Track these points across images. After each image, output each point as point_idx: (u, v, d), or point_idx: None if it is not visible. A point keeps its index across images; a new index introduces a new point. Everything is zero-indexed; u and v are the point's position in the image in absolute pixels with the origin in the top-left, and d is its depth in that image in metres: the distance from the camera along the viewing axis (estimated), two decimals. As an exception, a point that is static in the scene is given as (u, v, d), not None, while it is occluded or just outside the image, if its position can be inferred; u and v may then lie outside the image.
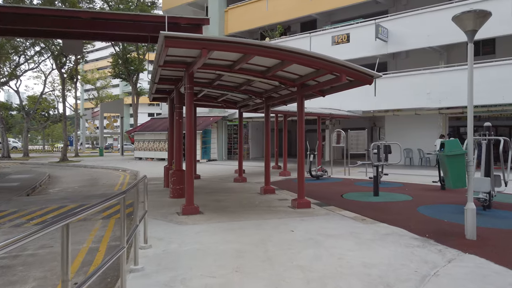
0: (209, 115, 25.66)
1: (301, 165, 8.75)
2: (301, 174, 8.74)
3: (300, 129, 8.71)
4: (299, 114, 8.70)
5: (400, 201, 9.11)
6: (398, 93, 18.34)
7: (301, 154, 8.76)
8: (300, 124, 8.69)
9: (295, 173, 16.82)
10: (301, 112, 8.69)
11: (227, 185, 12.82)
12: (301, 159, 8.76)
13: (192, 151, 7.98)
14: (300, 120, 8.68)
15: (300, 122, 8.69)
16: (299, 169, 8.76)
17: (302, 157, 8.76)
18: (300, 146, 8.73)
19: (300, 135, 8.70)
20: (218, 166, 21.33)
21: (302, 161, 8.76)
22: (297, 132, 8.75)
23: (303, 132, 8.74)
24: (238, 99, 13.10)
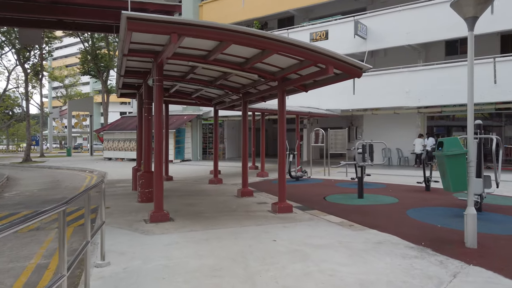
0: (183, 114, 24.66)
1: (282, 165, 8.06)
2: (282, 175, 8.04)
3: (281, 127, 8.01)
4: (280, 111, 7.99)
5: (387, 204, 8.57)
6: (377, 91, 17.99)
7: (282, 154, 8.07)
8: (281, 122, 7.99)
9: (273, 174, 16.27)
10: (282, 108, 7.99)
11: (201, 187, 11.99)
12: (282, 159, 8.07)
13: (161, 150, 7.14)
14: (281, 117, 7.98)
15: (281, 119, 7.99)
16: (280, 170, 8.07)
17: (283, 156, 8.07)
18: (281, 145, 8.04)
19: (281, 134, 8.01)
20: (192, 167, 20.42)
21: (283, 161, 8.07)
22: (278, 130, 8.05)
23: (284, 130, 8.05)
24: (213, 96, 12.29)
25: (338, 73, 7.05)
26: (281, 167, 8.06)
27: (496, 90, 15.17)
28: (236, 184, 12.49)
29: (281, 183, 8.02)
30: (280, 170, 8.07)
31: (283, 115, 7.98)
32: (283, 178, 8.05)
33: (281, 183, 8.03)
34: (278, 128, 8.03)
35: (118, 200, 9.59)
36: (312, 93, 19.79)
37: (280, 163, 8.07)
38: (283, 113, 7.96)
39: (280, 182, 8.05)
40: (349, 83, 18.72)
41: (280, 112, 7.98)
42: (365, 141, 9.12)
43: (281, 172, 8.05)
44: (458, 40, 18.65)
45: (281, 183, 8.02)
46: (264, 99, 10.55)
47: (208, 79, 9.70)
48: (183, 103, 14.30)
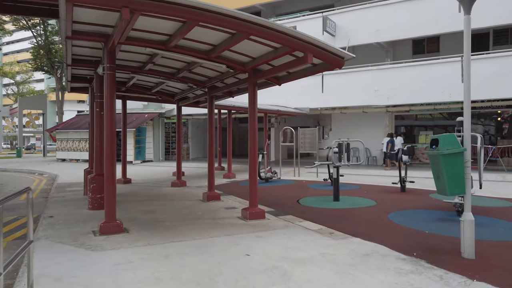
0: (144, 112, 23.30)
1: (253, 166, 7.25)
2: (253, 177, 7.24)
3: (252, 124, 7.19)
4: (251, 107, 7.17)
5: (365, 207, 7.97)
6: (346, 90, 17.61)
7: (253, 153, 7.26)
8: (252, 118, 7.17)
9: (241, 175, 15.43)
10: (253, 104, 7.18)
11: (163, 191, 10.95)
12: (253, 158, 7.26)
13: (113, 150, 6.13)
14: (253, 113, 7.16)
15: (252, 116, 7.17)
16: (250, 171, 7.25)
17: (254, 156, 7.26)
18: (251, 144, 7.22)
19: (252, 131, 7.19)
20: (154, 168, 19.19)
21: (254, 161, 7.26)
22: (249, 127, 7.23)
23: (255, 128, 7.24)
24: (176, 91, 11.29)
25: (316, 64, 6.33)
26: (252, 167, 7.25)
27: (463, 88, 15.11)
28: (202, 187, 11.56)
29: (253, 186, 7.21)
30: (251, 171, 7.26)
31: (254, 111, 7.17)
32: (255, 180, 7.25)
33: (252, 185, 7.22)
34: (249, 126, 7.21)
35: (66, 207, 8.41)
36: (280, 91, 19.16)
37: (251, 164, 7.26)
38: (254, 109, 7.16)
39: (251, 185, 7.23)
40: (318, 81, 18.24)
41: (251, 108, 7.17)
42: (341, 139, 8.50)
43: (252, 174, 7.24)
44: (425, 39, 18.66)
45: (253, 186, 7.21)
46: (232, 94, 9.69)
47: (169, 71, 8.72)
48: (143, 99, 13.17)
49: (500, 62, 14.48)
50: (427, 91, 15.79)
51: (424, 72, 15.98)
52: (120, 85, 10.69)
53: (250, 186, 7.24)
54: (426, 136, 18.01)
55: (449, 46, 17.86)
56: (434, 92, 15.66)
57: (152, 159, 23.22)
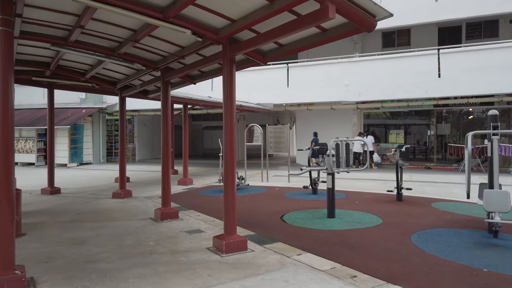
0: (81, 106, 20.14)
1: (230, 173, 5.15)
2: (231, 190, 5.14)
3: (230, 116, 5.10)
4: (228, 92, 5.07)
5: (372, 227, 6.16)
6: (313, 84, 15.95)
7: (230, 155, 5.16)
8: (229, 109, 5.07)
9: (199, 180, 13.15)
10: (230, 88, 5.09)
11: (101, 205, 8.49)
12: (230, 163, 5.16)
13: (9, 151, 3.72)
14: (229, 101, 5.07)
15: (229, 104, 5.08)
16: (227, 180, 5.15)
17: (232, 159, 5.17)
18: (228, 142, 5.13)
19: (229, 126, 5.10)
20: (93, 172, 16.32)
21: (232, 167, 5.17)
22: (225, 121, 5.15)
23: (233, 122, 5.16)
24: (118, 76, 8.86)
25: (331, 27, 4.38)
26: (229, 175, 5.14)
27: (440, 84, 14.05)
28: (152, 198, 9.23)
29: (229, 203, 5.12)
30: (227, 180, 5.16)
31: (232, 99, 5.09)
32: (233, 194, 5.15)
33: (229, 202, 5.13)
34: (225, 119, 5.12)
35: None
36: (241, 85, 17.13)
37: (227, 170, 5.16)
38: (232, 96, 5.07)
39: (227, 201, 5.13)
40: (283, 74, 16.45)
41: (227, 96, 5.07)
42: (339, 138, 6.64)
43: (229, 185, 5.14)
44: (395, 32, 17.54)
45: (229, 203, 5.12)
46: (193, 79, 7.49)
47: (108, 44, 6.36)
48: (76, 88, 10.50)
49: (481, 55, 13.52)
50: (401, 86, 14.56)
51: (398, 66, 14.74)
52: (41, 67, 8.08)
53: (226, 202, 5.14)
54: (397, 135, 16.89)
55: (420, 39, 16.86)
56: (409, 88, 14.45)
57: (91, 161, 20.15)
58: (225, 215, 5.14)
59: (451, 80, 13.88)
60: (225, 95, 5.09)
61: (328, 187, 6.62)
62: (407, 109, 16.76)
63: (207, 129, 26.57)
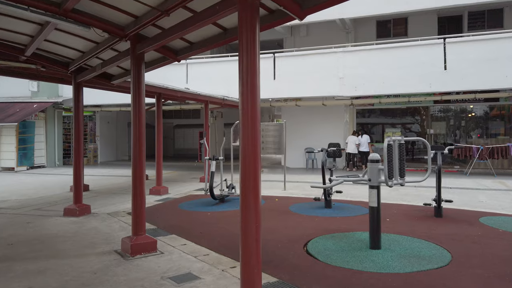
0: (32, 101, 17.31)
1: (253, 187, 3.15)
2: (252, 215, 3.14)
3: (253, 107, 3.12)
4: (251, 52, 3.09)
5: (445, 267, 4.26)
6: (303, 77, 14.14)
7: (253, 160, 3.17)
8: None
9: (175, 187, 10.92)
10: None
11: (47, 228, 6.22)
12: (253, 171, 3.16)
13: None
14: (253, 75, 3.09)
15: (252, 80, 3.09)
16: (245, 196, 3.15)
17: (255, 166, 3.17)
18: (246, 137, 3.14)
19: (253, 122, 3.12)
20: (44, 178, 13.73)
21: (254, 177, 3.17)
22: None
23: (256, 118, 3.18)
24: (70, 53, 6.59)
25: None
26: (250, 189, 3.14)
27: (446, 77, 12.62)
28: (117, 214, 7.04)
29: (249, 236, 3.11)
30: (245, 197, 3.15)
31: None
32: (256, 222, 3.15)
33: (248, 235, 3.12)
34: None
35: None
36: (219, 78, 15.06)
37: (245, 182, 3.16)
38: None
39: (246, 233, 3.12)
40: (269, 66, 14.54)
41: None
42: (392, 138, 4.77)
43: (250, 205, 3.14)
44: (391, 20, 16.06)
45: (249, 236, 3.11)
46: (177, 54, 5.36)
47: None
48: (14, 73, 8.04)
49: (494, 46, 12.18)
50: (402, 80, 13.03)
51: (399, 57, 13.20)
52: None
53: (245, 236, 3.13)
54: (393, 134, 15.39)
55: (418, 29, 15.45)
56: (411, 81, 12.94)
57: (44, 165, 17.37)
58: (242, 257, 3.13)
59: (458, 73, 12.48)
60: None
61: (371, 206, 4.73)
62: (408, 105, 15.28)
63: (179, 127, 24.25)
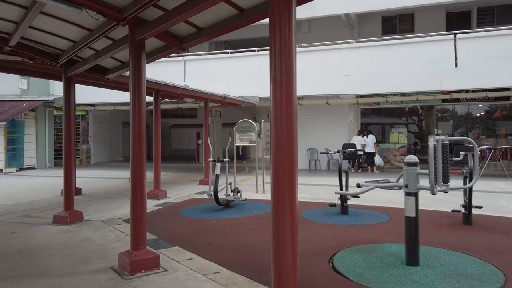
0: (21, 99, 16.53)
1: (288, 200, 2.52)
2: (289, 236, 2.51)
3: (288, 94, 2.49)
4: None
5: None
6: (306, 74, 13.48)
7: (288, 161, 2.54)
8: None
9: (174, 190, 10.12)
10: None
11: (34, 238, 5.54)
12: (289, 176, 2.53)
13: None
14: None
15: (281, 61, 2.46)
16: (278, 206, 2.51)
17: (291, 170, 2.54)
18: (280, 137, 2.52)
19: (289, 115, 2.49)
20: (34, 181, 12.99)
21: (289, 183, 2.54)
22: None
23: (294, 110, 2.55)
24: (60, 43, 5.91)
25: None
26: (286, 199, 2.51)
27: (457, 75, 12.09)
28: (113, 222, 6.37)
29: (283, 260, 2.48)
30: (278, 202, 2.51)
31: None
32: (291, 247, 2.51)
33: (283, 258, 2.48)
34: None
35: None
36: (219, 75, 14.41)
37: (277, 181, 2.53)
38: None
39: (280, 257, 2.49)
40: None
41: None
42: (436, 137, 4.16)
43: (285, 212, 2.50)
44: (396, 16, 15.51)
45: (283, 260, 2.48)
46: (183, 42, 4.70)
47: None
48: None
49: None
50: (411, 77, 12.49)
51: (408, 54, 12.66)
52: None
53: (278, 261, 2.49)
54: (399, 134, 14.83)
55: (425, 25, 14.92)
56: (421, 79, 12.39)
57: (34, 166, 16.59)
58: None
59: (470, 70, 11.95)
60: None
61: (408, 216, 4.11)
62: (416, 104, 14.75)
63: (175, 127, 23.53)
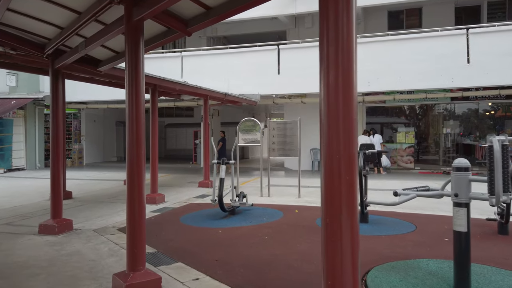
0: (9, 97, 15.73)
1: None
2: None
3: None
4: None
5: None
6: (310, 70, 12.81)
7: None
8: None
9: (171, 193, 9.12)
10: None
11: (16, 253, 4.85)
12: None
13: None
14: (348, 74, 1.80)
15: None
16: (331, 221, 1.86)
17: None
18: (336, 136, 1.86)
19: (348, 111, 1.83)
20: (22, 183, 12.24)
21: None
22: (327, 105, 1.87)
23: (354, 105, 1.89)
24: (47, 30, 5.20)
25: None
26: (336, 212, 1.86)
27: (469, 71, 11.52)
28: (106, 231, 5.68)
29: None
30: (332, 219, 1.86)
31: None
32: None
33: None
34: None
35: None
36: (218, 71, 13.73)
37: (331, 192, 1.87)
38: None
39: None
40: (273, 58, 13.27)
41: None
42: (496, 137, 3.50)
43: (345, 234, 1.85)
44: (403, 11, 14.93)
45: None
46: (188, 25, 4.04)
47: None
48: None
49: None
50: (421, 74, 11.89)
51: (416, 49, 12.06)
52: None
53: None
54: (406, 134, 14.24)
55: (433, 21, 14.35)
56: (431, 75, 11.81)
57: (24, 167, 15.81)
58: None
59: (483, 67, 11.39)
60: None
61: (457, 231, 3.47)
62: (425, 102, 14.18)
63: (171, 126, 22.81)
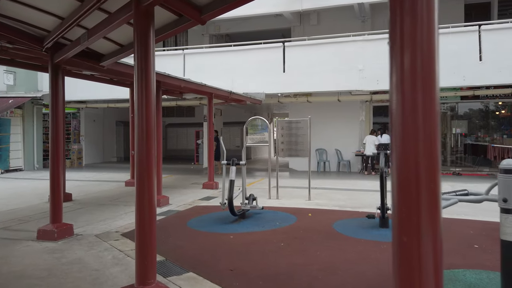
0: (7, 96, 15.33)
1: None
2: None
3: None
4: None
5: None
6: (316, 68, 12.56)
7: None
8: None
9: (175, 195, 8.86)
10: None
11: (12, 262, 4.48)
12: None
13: None
14: None
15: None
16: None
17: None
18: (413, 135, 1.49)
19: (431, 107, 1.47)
20: (20, 184, 11.86)
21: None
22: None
23: (437, 102, 1.52)
24: (46, 21, 4.83)
25: None
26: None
27: (481, 69, 11.18)
28: (109, 236, 5.30)
29: None
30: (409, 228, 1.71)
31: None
32: None
33: None
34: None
35: None
36: (221, 70, 13.37)
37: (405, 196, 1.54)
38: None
39: None
40: (278, 56, 12.92)
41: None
42: None
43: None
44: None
45: None
46: (202, 12, 3.69)
47: None
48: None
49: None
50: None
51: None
52: None
53: None
54: (414, 133, 13.88)
55: (442, 18, 13.91)
56: (442, 73, 10.97)
57: (21, 168, 15.41)
58: None
59: (496, 64, 11.05)
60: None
61: (505, 240, 3.11)
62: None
63: (171, 126, 22.42)
